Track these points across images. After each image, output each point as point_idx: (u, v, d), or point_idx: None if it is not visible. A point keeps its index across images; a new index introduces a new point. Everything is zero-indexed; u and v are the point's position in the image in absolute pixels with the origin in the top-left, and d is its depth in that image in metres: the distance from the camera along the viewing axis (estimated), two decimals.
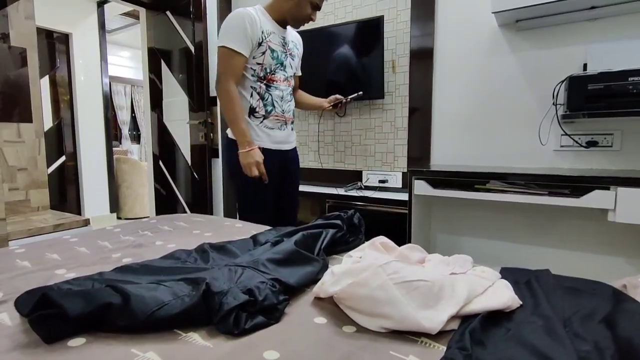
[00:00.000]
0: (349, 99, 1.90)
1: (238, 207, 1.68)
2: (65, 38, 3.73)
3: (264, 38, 1.52)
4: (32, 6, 2.26)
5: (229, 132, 1.62)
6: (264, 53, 1.53)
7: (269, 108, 1.59)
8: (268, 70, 1.56)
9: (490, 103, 1.85)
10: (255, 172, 1.52)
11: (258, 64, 1.54)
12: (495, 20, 1.75)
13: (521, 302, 0.69)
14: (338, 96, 1.92)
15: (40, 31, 3.43)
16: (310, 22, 1.63)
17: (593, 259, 1.62)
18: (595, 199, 1.29)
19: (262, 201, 1.63)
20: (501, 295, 0.68)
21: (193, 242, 1.11)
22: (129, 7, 3.37)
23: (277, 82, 1.59)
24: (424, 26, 1.99)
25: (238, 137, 1.54)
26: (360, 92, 1.84)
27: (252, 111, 1.58)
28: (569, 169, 1.66)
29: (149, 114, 3.23)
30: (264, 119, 1.59)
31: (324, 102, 1.92)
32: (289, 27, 1.66)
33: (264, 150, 1.58)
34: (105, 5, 3.86)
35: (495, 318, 0.64)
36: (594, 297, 0.72)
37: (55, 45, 3.69)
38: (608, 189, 1.28)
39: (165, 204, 3.15)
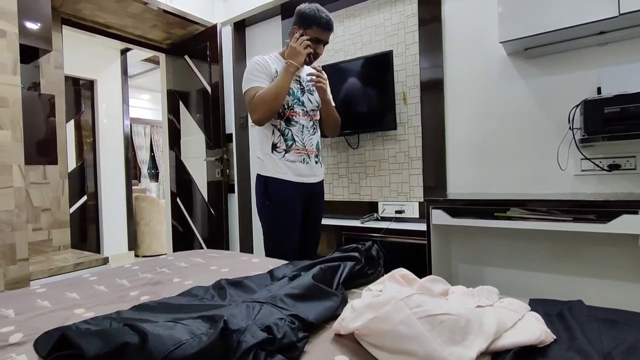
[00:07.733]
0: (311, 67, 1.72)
1: (264, 240, 1.71)
2: (90, 84, 3.95)
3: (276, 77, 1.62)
4: (62, 57, 2.42)
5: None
6: None
7: (289, 142, 1.65)
8: (286, 107, 1.64)
9: (504, 130, 1.85)
10: (305, 46, 1.61)
11: None
12: (504, 50, 1.77)
13: (555, 337, 0.65)
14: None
15: (68, 78, 3.64)
16: (321, 58, 1.71)
17: (625, 287, 1.52)
18: (623, 223, 1.24)
19: (288, 233, 1.65)
20: (533, 329, 0.64)
21: (210, 278, 1.10)
22: (150, 54, 3.56)
23: (296, 116, 1.66)
24: (433, 58, 2.03)
25: (284, 77, 1.57)
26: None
27: (274, 147, 1.65)
28: (592, 193, 1.61)
29: (167, 153, 3.33)
30: (285, 153, 1.65)
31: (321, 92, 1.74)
32: (305, 66, 1.73)
33: (286, 183, 1.63)
34: (127, 53, 4.10)
35: (527, 354, 0.60)
36: (634, 329, 0.68)
37: (80, 91, 3.90)
38: (637, 213, 1.22)
39: (182, 240, 3.17)
